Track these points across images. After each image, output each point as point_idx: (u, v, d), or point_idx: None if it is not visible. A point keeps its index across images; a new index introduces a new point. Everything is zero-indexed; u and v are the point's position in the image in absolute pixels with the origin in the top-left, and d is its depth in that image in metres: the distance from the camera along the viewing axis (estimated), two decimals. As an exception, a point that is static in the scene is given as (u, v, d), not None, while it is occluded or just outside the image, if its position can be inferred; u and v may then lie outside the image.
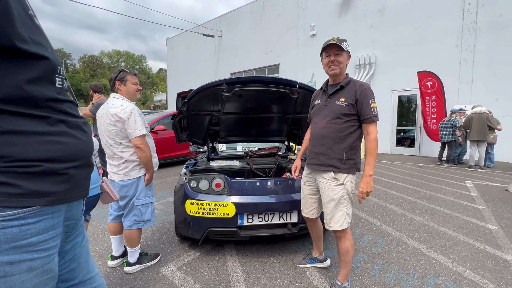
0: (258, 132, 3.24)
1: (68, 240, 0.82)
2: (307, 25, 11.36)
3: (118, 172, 1.97)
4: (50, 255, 0.66)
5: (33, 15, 0.67)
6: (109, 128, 1.91)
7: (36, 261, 0.62)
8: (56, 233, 0.68)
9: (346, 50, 1.66)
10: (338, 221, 1.69)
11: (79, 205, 0.80)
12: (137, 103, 49.09)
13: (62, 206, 0.69)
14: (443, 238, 2.66)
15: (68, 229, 0.77)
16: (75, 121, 0.73)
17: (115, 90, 2.01)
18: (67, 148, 0.68)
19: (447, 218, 3.23)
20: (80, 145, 0.73)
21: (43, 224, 0.64)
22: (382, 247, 2.47)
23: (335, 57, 1.66)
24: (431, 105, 8.18)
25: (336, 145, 1.68)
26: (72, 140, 0.70)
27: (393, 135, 9.57)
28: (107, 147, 1.97)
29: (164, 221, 3.11)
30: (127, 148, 1.95)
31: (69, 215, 0.74)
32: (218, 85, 2.32)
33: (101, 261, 2.24)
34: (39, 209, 0.62)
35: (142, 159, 1.96)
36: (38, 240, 0.63)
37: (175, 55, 18.53)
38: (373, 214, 3.36)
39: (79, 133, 0.73)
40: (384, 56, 9.46)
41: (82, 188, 0.75)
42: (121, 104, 1.92)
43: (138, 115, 1.93)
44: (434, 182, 5.12)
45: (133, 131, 1.89)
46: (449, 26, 8.17)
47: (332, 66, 1.68)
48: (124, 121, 1.87)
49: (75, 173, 0.70)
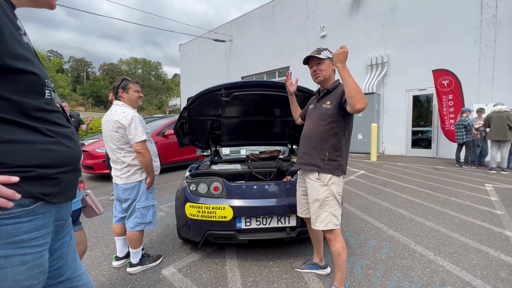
0: (260, 136, 3.25)
1: (57, 239, 0.88)
2: (316, 27, 11.28)
3: (121, 176, 2.06)
4: (41, 251, 0.73)
5: (23, 33, 0.74)
6: (112, 134, 2.01)
7: (28, 256, 0.69)
8: (46, 232, 0.75)
9: (326, 57, 1.76)
10: (323, 221, 1.72)
11: (67, 206, 0.87)
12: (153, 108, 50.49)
13: (52, 207, 0.77)
14: (454, 245, 2.53)
15: (57, 229, 0.85)
16: (63, 131, 0.81)
17: (118, 97, 2.12)
18: (58, 155, 0.76)
19: (460, 223, 3.07)
20: (69, 152, 0.80)
21: (35, 223, 0.71)
22: (386, 253, 2.39)
23: (316, 67, 1.79)
24: (448, 104, 7.81)
25: (319, 145, 1.74)
26: (62, 148, 0.78)
27: (408, 136, 9.23)
28: (111, 152, 2.07)
29: (169, 223, 3.19)
30: (129, 153, 2.04)
31: (58, 216, 0.82)
32: (217, 90, 2.37)
33: (107, 262, 2.34)
34: (31, 209, 0.70)
35: (142, 163, 2.03)
36: (30, 237, 0.70)
37: (188, 60, 18.99)
38: (380, 218, 3.26)
39: (68, 141, 0.81)
40: (397, 55, 9.18)
41: (70, 191, 0.83)
42: (123, 111, 2.01)
43: (138, 122, 2.01)
44: (450, 185, 4.88)
45: (134, 137, 1.97)
46: (466, 22, 7.81)
47: (316, 75, 1.81)
48: (125, 128, 1.96)
49: (64, 177, 0.78)
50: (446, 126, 7.87)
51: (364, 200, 4.05)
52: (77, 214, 1.39)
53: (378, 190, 4.60)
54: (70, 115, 4.73)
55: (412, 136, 9.25)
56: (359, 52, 9.99)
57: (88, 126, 4.74)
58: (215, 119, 2.89)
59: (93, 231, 3.00)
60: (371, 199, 4.09)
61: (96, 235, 2.91)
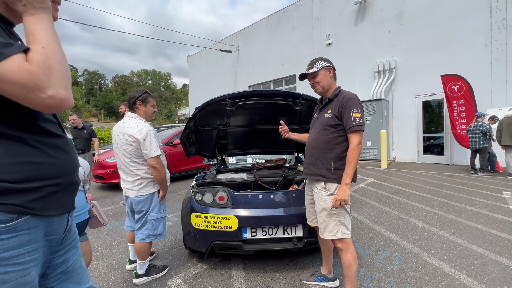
0: (266, 144, 3.24)
1: (59, 254, 0.85)
2: (322, 35, 11.35)
3: (132, 188, 2.07)
4: (25, 268, 0.69)
5: None
6: (125, 147, 2.02)
7: (10, 274, 0.66)
8: (33, 248, 0.71)
9: (320, 68, 1.77)
10: (332, 230, 1.69)
11: (62, 220, 0.82)
12: (162, 117, 51.16)
13: (39, 222, 0.72)
14: (471, 257, 2.41)
15: (52, 244, 0.80)
16: (53, 141, 0.76)
17: (134, 109, 2.13)
18: (44, 167, 0.72)
19: (477, 233, 2.92)
20: (57, 164, 0.76)
21: (18, 239, 0.67)
22: (398, 265, 2.29)
23: (313, 80, 1.81)
24: (459, 109, 7.61)
25: (324, 155, 1.73)
26: (50, 159, 0.74)
27: (419, 142, 9.01)
28: (122, 164, 2.08)
29: (176, 233, 3.18)
30: (142, 166, 2.05)
31: (49, 230, 0.77)
32: (221, 100, 2.40)
33: (114, 272, 2.34)
34: (13, 225, 0.66)
35: (157, 178, 2.05)
36: (12, 255, 0.66)
37: (196, 71, 19.40)
38: (391, 228, 3.15)
39: (58, 152, 0.77)
40: (405, 61, 9.09)
41: (63, 204, 0.79)
42: (137, 125, 2.01)
43: (153, 136, 2.02)
44: (465, 193, 4.69)
45: (149, 152, 1.98)
46: (475, 26, 7.68)
47: (315, 88, 1.83)
48: (140, 142, 1.97)
49: (51, 190, 0.74)
50: (458, 132, 7.64)
51: (374, 209, 3.93)
52: (84, 225, 1.41)
53: (389, 199, 4.47)
54: (82, 127, 4.88)
55: (424, 142, 9.02)
56: (366, 58, 9.95)
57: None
58: (220, 128, 2.91)
59: (101, 241, 3.03)
60: (382, 208, 3.98)
61: (104, 244, 2.93)
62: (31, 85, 0.59)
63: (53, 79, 0.62)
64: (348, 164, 1.62)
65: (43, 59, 0.61)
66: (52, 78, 0.62)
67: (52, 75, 0.62)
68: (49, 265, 0.83)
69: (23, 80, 0.59)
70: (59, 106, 0.64)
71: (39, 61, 0.61)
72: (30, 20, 0.65)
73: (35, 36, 0.64)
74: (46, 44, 0.64)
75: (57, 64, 0.64)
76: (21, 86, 0.59)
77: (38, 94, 0.60)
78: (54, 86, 0.62)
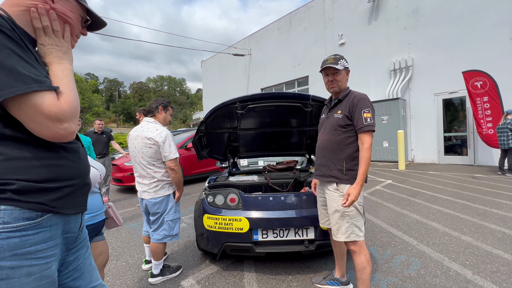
0: (277, 146, 3.25)
1: (72, 252, 0.92)
2: (335, 35, 11.20)
3: (148, 191, 2.15)
4: (48, 262, 0.76)
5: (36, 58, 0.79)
6: (144, 151, 2.11)
7: (34, 267, 0.73)
8: (53, 244, 0.78)
9: (344, 67, 1.72)
10: (345, 232, 1.66)
11: (76, 219, 0.89)
12: (178, 122, 52.39)
13: (59, 220, 0.80)
14: (496, 263, 2.27)
15: (68, 241, 0.87)
16: (71, 146, 0.86)
17: (155, 113, 2.25)
18: (64, 169, 0.81)
19: (504, 238, 2.75)
20: (74, 167, 0.85)
21: (41, 235, 0.75)
22: (416, 270, 2.20)
23: (333, 77, 1.75)
24: (484, 107, 7.20)
25: (335, 156, 1.71)
26: (68, 162, 0.83)
27: (440, 142, 8.61)
28: (140, 167, 2.17)
29: (190, 234, 3.25)
30: (159, 168, 2.15)
31: (67, 228, 0.84)
32: (232, 103, 2.44)
33: (131, 271, 2.43)
34: (38, 222, 0.73)
35: (175, 179, 2.14)
36: (37, 249, 0.73)
37: (210, 75, 19.76)
38: (409, 231, 3.03)
39: (75, 156, 0.86)
40: (422, 58, 8.76)
41: (78, 204, 0.86)
42: (156, 129, 2.12)
43: (171, 139, 2.12)
44: (491, 195, 4.42)
45: (168, 154, 2.08)
46: (498, 18, 7.28)
47: (331, 85, 1.77)
48: (160, 145, 2.07)
49: (70, 191, 0.82)
50: (484, 131, 7.22)
51: (391, 211, 3.81)
52: (101, 225, 1.48)
53: (407, 201, 4.30)
54: (102, 131, 5.11)
55: (445, 142, 8.60)
56: (381, 57, 9.70)
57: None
58: (231, 131, 2.95)
59: (120, 241, 3.15)
60: (399, 210, 3.84)
61: (122, 245, 3.05)
62: (55, 118, 0.71)
63: (72, 116, 0.76)
64: (361, 164, 1.60)
65: (71, 100, 0.77)
66: (72, 115, 0.76)
67: (73, 113, 0.76)
68: (62, 262, 0.89)
69: (50, 113, 0.70)
70: (66, 137, 0.77)
71: (69, 102, 0.76)
72: (58, 67, 0.80)
73: (63, 80, 0.78)
74: (72, 88, 0.80)
75: (77, 105, 0.79)
76: (46, 116, 0.70)
77: (56, 125, 0.72)
78: (70, 121, 0.75)
